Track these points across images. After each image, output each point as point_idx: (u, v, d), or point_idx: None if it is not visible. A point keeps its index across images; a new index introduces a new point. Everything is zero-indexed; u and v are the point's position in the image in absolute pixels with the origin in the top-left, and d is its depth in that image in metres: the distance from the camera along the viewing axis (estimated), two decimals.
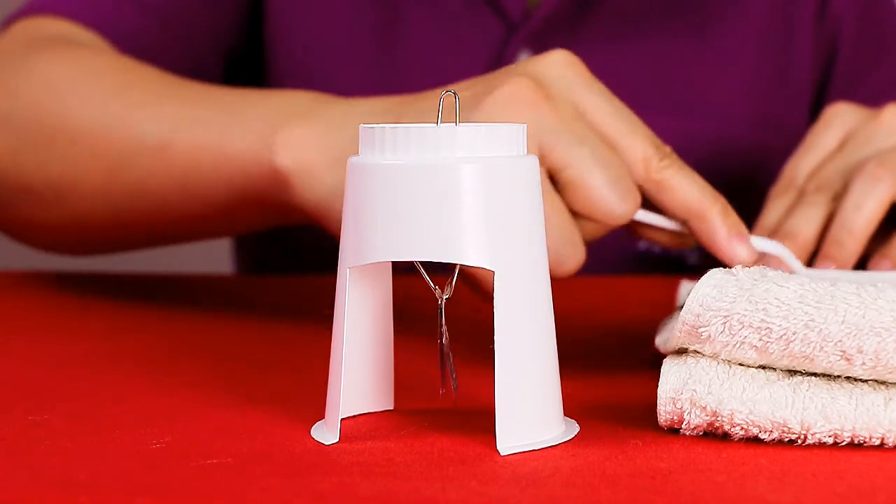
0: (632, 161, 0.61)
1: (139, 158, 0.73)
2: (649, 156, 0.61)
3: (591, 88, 0.62)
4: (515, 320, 0.47)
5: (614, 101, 0.62)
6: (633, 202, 0.60)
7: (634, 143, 0.61)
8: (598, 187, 0.59)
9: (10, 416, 0.53)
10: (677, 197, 0.62)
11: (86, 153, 0.75)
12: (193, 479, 0.44)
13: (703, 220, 0.62)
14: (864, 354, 0.46)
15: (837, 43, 1.04)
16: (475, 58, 0.98)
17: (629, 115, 0.62)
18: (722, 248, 0.62)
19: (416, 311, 0.66)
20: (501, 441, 0.47)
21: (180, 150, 0.72)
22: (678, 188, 0.62)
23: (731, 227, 0.62)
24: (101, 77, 0.79)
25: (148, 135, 0.73)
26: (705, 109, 1.00)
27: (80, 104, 0.77)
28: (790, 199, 0.79)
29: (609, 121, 0.61)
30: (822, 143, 0.81)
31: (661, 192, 0.62)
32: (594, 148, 0.60)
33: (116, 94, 0.76)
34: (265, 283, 0.93)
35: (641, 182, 0.62)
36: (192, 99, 0.74)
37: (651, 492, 0.42)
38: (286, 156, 0.66)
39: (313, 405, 0.53)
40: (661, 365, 0.49)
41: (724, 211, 0.62)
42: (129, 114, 0.74)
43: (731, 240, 0.62)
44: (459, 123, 0.48)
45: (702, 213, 0.62)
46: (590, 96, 0.62)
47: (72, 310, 0.79)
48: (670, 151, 0.62)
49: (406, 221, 0.47)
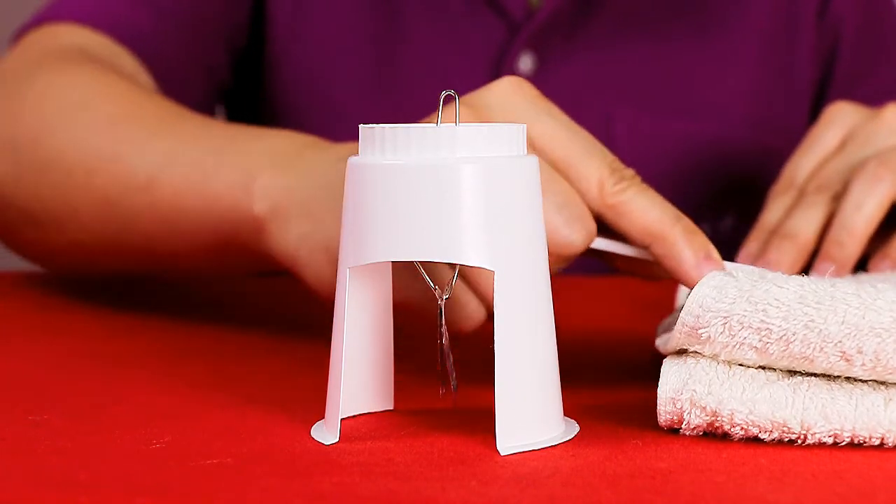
0: (585, 186, 0.57)
1: (127, 193, 0.73)
2: (604, 178, 0.57)
3: (540, 113, 0.58)
4: (515, 320, 0.47)
5: (570, 125, 0.58)
6: (584, 229, 0.56)
7: (588, 167, 0.57)
8: (551, 220, 0.55)
9: (10, 416, 0.53)
10: (635, 220, 0.57)
11: (80, 186, 0.76)
12: (193, 479, 0.44)
13: (664, 243, 0.56)
14: (864, 355, 0.46)
15: (838, 43, 1.04)
16: (476, 59, 0.98)
17: (584, 138, 0.58)
18: (689, 273, 0.56)
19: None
20: (501, 441, 0.47)
21: (166, 190, 0.71)
22: (635, 211, 0.56)
23: (699, 248, 0.56)
24: (100, 106, 0.79)
25: (137, 171, 0.73)
26: (706, 110, 1.00)
27: (76, 136, 0.77)
28: (791, 199, 0.79)
29: (560, 145, 0.57)
30: (822, 142, 0.81)
31: (618, 216, 0.57)
32: (545, 181, 0.55)
33: (112, 127, 0.77)
34: (265, 283, 0.93)
35: (597, 207, 0.57)
36: (182, 135, 0.74)
37: (651, 492, 0.42)
38: (263, 204, 0.65)
39: (313, 405, 0.53)
40: (661, 365, 0.49)
41: (687, 231, 0.56)
42: (121, 148, 0.75)
43: (699, 263, 0.56)
44: (459, 123, 0.48)
45: (662, 234, 0.56)
46: (540, 121, 0.58)
47: (72, 310, 0.79)
48: (631, 174, 0.58)
49: (406, 221, 0.47)
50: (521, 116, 0.58)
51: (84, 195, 0.76)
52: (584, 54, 0.99)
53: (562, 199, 0.55)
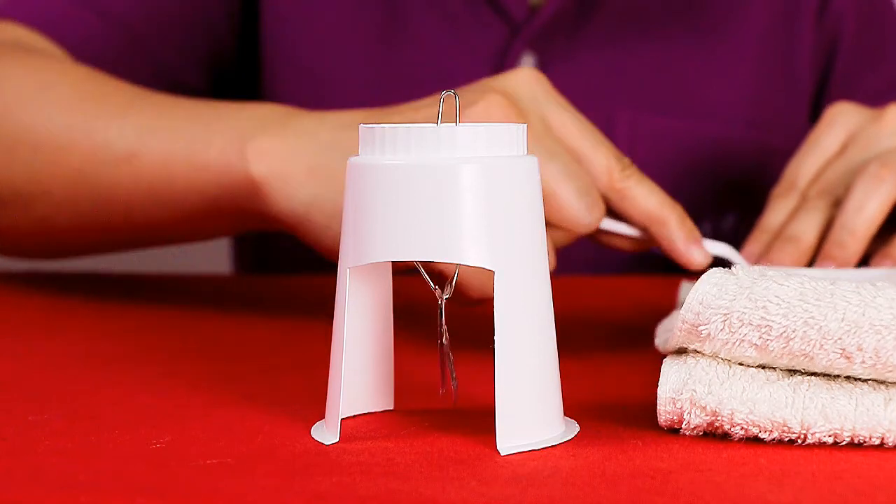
0: (596, 173, 0.65)
1: (104, 167, 0.74)
2: (612, 167, 0.65)
3: (558, 105, 0.66)
4: (515, 320, 0.47)
5: (579, 117, 0.66)
6: (599, 211, 0.64)
7: (598, 156, 0.65)
8: (568, 198, 0.63)
9: (10, 416, 0.53)
10: (639, 205, 0.66)
11: (49, 162, 0.77)
12: (193, 479, 0.44)
13: (662, 226, 0.66)
14: (864, 352, 0.46)
15: (838, 41, 1.04)
16: (477, 59, 0.98)
17: (593, 130, 0.66)
18: (680, 252, 0.66)
19: (417, 311, 0.66)
20: (501, 441, 0.47)
21: (148, 160, 0.73)
22: (639, 197, 0.66)
23: (688, 232, 0.66)
24: (63, 87, 0.79)
25: (113, 144, 0.74)
26: (707, 110, 1.00)
27: (42, 113, 0.78)
28: (792, 201, 0.79)
29: (575, 135, 0.65)
30: (824, 143, 0.81)
31: (623, 200, 0.66)
32: (564, 162, 0.63)
33: (80, 104, 0.77)
34: (265, 283, 0.93)
35: (605, 192, 0.66)
36: (157, 109, 0.75)
37: (651, 492, 0.42)
38: (261, 165, 0.67)
39: (313, 405, 0.53)
40: (661, 365, 0.49)
41: (681, 218, 0.66)
42: (92, 124, 0.75)
43: (689, 244, 0.66)
44: (459, 123, 0.48)
45: (662, 219, 0.66)
46: (557, 112, 0.66)
47: (72, 310, 0.79)
48: (630, 163, 0.67)
49: (406, 221, 0.47)
50: (542, 106, 0.65)
51: (54, 171, 0.77)
52: (585, 54, 0.99)
53: (583, 184, 0.63)
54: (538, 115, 0.65)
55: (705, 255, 0.66)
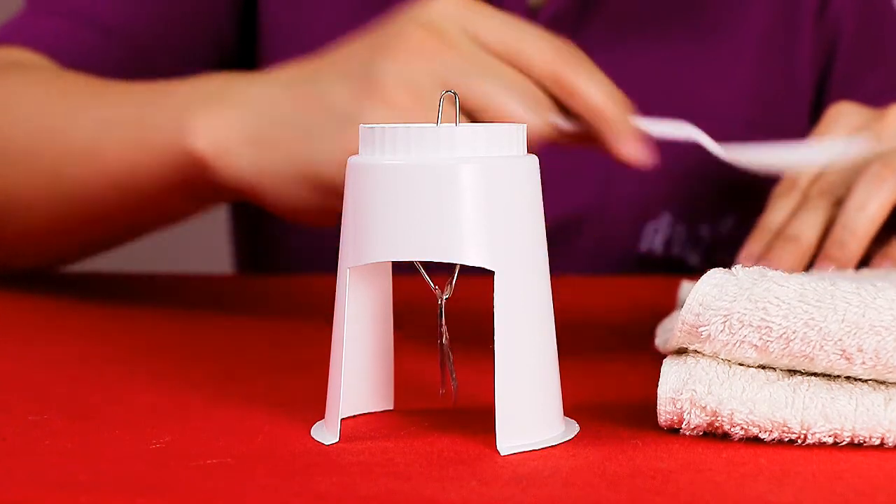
0: (538, 71, 0.65)
1: (72, 167, 0.76)
2: (555, 61, 0.65)
3: (483, 15, 0.65)
4: (515, 320, 0.47)
5: (510, 19, 0.66)
6: (544, 111, 0.64)
7: (543, 52, 0.65)
8: (514, 110, 0.63)
9: (10, 416, 0.53)
10: (587, 100, 0.65)
11: (20, 169, 0.78)
12: (193, 479, 0.44)
13: (606, 122, 0.66)
14: (864, 353, 0.46)
15: (837, 42, 1.04)
16: None
17: (531, 28, 0.66)
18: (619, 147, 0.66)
19: (417, 311, 0.66)
20: (501, 441, 0.47)
21: (109, 152, 0.74)
22: (585, 92, 0.65)
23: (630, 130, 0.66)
24: (26, 93, 0.81)
25: (77, 142, 0.75)
26: (707, 111, 1.00)
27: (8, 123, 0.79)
28: (793, 201, 0.79)
29: (512, 38, 0.65)
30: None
31: (569, 97, 0.65)
32: (500, 75, 0.63)
33: (45, 107, 0.79)
34: (265, 283, 0.93)
35: (550, 87, 0.65)
36: (115, 100, 0.76)
37: (651, 492, 0.42)
38: (201, 140, 0.68)
39: (313, 405, 0.53)
40: (661, 365, 0.49)
41: (622, 115, 0.66)
42: (56, 125, 0.77)
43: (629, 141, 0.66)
44: (459, 123, 0.48)
45: (605, 115, 0.65)
46: (485, 23, 0.65)
47: (71, 310, 0.79)
48: (574, 52, 0.66)
49: (406, 221, 0.47)
50: (465, 22, 0.64)
51: (27, 177, 0.78)
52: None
53: (524, 90, 0.64)
54: (462, 34, 0.65)
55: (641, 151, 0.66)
